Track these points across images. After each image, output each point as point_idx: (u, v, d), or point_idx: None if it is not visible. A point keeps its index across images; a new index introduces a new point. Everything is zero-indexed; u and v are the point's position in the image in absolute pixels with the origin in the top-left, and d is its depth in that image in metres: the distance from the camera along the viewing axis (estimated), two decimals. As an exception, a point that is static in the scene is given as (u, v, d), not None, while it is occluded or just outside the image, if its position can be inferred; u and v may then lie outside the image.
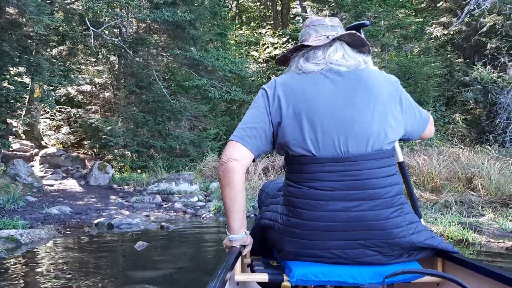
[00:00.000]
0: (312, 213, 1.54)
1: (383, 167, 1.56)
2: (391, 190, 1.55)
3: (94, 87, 15.19)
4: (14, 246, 4.61)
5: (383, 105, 1.59)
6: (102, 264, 4.09)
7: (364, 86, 1.60)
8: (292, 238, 1.59)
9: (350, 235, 1.52)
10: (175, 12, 11.68)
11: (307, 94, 1.61)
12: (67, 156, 12.54)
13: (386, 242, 1.53)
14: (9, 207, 6.84)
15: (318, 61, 1.67)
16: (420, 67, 12.69)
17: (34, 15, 8.03)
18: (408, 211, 1.60)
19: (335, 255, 1.55)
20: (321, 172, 1.55)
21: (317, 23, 1.79)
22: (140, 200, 8.39)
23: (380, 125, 1.57)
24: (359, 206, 1.51)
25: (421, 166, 8.95)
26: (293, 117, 1.60)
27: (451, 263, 1.70)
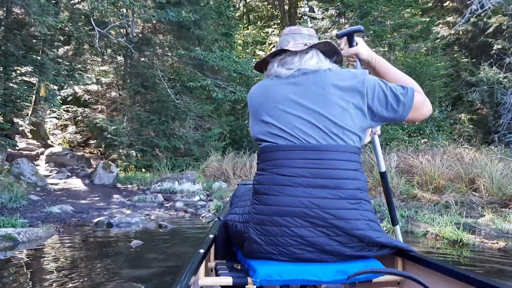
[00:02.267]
0: (275, 198, 1.61)
1: (344, 160, 1.62)
2: (351, 184, 1.60)
3: (101, 87, 15.30)
4: (11, 244, 4.67)
5: (338, 101, 1.64)
6: (95, 261, 4.12)
7: (324, 82, 1.68)
8: (256, 225, 1.64)
9: (311, 221, 1.57)
10: (179, 12, 11.73)
11: (270, 94, 1.74)
12: (73, 155, 12.63)
13: (345, 232, 1.57)
14: (11, 206, 6.90)
15: (293, 66, 1.76)
16: (426, 67, 12.62)
17: (38, 15, 8.11)
18: (368, 209, 1.65)
19: (298, 242, 1.58)
20: (284, 159, 1.63)
21: (295, 31, 1.89)
22: (142, 199, 8.43)
23: (339, 121, 1.63)
24: (320, 193, 1.57)
25: (424, 166, 8.91)
26: (258, 114, 1.75)
27: (411, 262, 1.75)
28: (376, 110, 1.68)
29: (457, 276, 1.50)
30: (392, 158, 9.66)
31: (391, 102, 1.67)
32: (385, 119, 1.72)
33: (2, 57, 9.41)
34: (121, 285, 3.36)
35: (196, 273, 1.61)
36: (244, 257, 1.74)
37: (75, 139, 15.59)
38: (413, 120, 1.78)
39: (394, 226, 2.30)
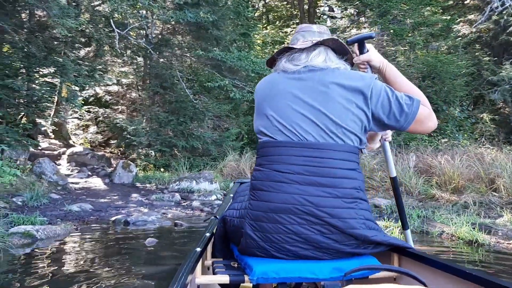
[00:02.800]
0: (271, 194, 1.62)
1: (342, 159, 1.62)
2: (348, 183, 1.61)
3: (121, 87, 15.51)
4: (29, 241, 4.77)
5: (345, 97, 1.65)
6: (109, 259, 4.20)
7: (328, 80, 1.68)
8: (252, 221, 1.65)
9: (306, 219, 1.58)
10: (198, 13, 11.82)
11: (275, 87, 1.76)
12: (93, 155, 12.85)
13: (340, 231, 1.58)
14: (32, 204, 7.06)
15: (300, 62, 1.77)
16: (446, 66, 12.42)
17: (58, 17, 8.27)
18: (365, 208, 1.65)
19: (293, 239, 1.59)
20: (282, 155, 1.64)
21: (305, 29, 1.91)
22: (160, 198, 8.53)
23: (339, 120, 1.63)
24: (316, 192, 1.58)
25: (443, 166, 8.79)
26: (261, 107, 1.78)
27: (407, 258, 1.78)
28: (377, 115, 1.67)
29: (452, 271, 1.52)
30: (411, 158, 9.57)
31: (394, 111, 1.66)
32: (386, 126, 1.72)
33: (24, 58, 9.63)
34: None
35: (193, 272, 1.63)
36: (241, 254, 1.76)
37: (96, 139, 15.85)
38: (416, 132, 1.77)
39: (405, 230, 2.31)
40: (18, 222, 5.35)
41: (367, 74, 1.75)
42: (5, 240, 4.48)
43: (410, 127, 1.69)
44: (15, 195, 7.49)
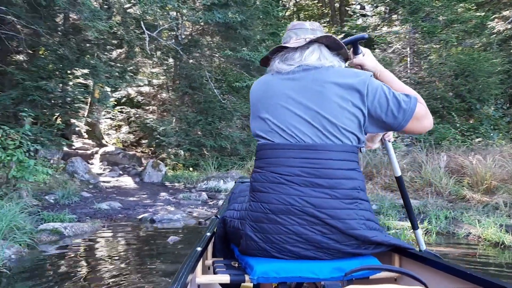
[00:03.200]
0: (271, 195, 1.61)
1: (341, 160, 1.60)
2: (348, 184, 1.60)
3: (152, 88, 15.78)
4: (57, 238, 4.93)
5: (337, 100, 1.62)
6: (131, 256, 4.30)
7: (323, 79, 1.66)
8: (252, 222, 1.65)
9: (306, 220, 1.57)
10: (226, 13, 11.91)
11: (269, 89, 1.74)
12: (125, 155, 13.13)
13: (341, 231, 1.57)
14: (63, 202, 7.28)
15: (294, 62, 1.74)
16: (480, 63, 12.07)
17: (89, 20, 8.49)
18: (366, 208, 1.63)
19: (294, 239, 1.59)
20: (280, 157, 1.63)
21: (297, 26, 1.86)
22: (187, 197, 8.64)
23: (336, 120, 1.61)
24: (315, 193, 1.57)
25: (475, 166, 8.56)
26: (257, 109, 1.77)
27: (408, 259, 1.75)
28: (375, 113, 1.64)
29: (453, 272, 1.50)
30: (442, 158, 9.35)
31: (392, 108, 1.63)
32: (383, 125, 1.68)
33: (57, 60, 9.93)
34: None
35: (193, 271, 1.64)
36: (241, 254, 1.76)
37: (128, 139, 16.17)
38: (412, 132, 1.72)
39: (415, 230, 2.26)
40: (48, 220, 5.53)
41: (362, 72, 1.72)
42: (33, 236, 4.64)
43: (408, 125, 1.66)
44: (48, 193, 7.75)
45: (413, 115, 1.64)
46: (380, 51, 15.50)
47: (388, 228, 5.59)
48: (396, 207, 7.33)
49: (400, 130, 1.70)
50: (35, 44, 10.13)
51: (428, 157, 9.49)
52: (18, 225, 4.46)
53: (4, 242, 3.83)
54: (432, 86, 13.63)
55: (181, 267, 1.54)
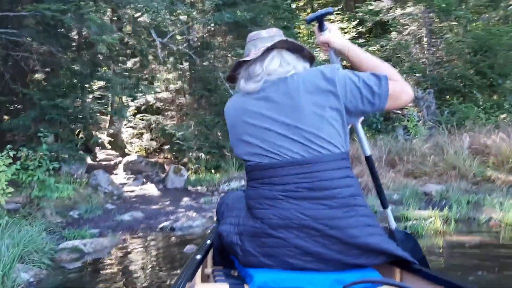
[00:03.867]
0: (267, 211, 1.59)
1: (333, 169, 1.58)
2: (344, 192, 1.57)
3: (170, 94, 15.92)
4: (77, 256, 5.02)
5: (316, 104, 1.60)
6: (148, 269, 4.37)
7: (294, 92, 1.62)
8: (251, 238, 1.63)
9: (306, 233, 1.55)
10: (235, 12, 11.89)
11: (245, 112, 1.70)
12: (147, 162, 13.29)
13: (342, 241, 1.54)
14: (87, 217, 7.42)
15: (257, 76, 1.71)
16: (498, 38, 11.71)
17: (98, 35, 8.61)
18: (365, 214, 1.60)
19: (295, 252, 1.57)
20: (272, 176, 1.61)
21: (254, 37, 1.82)
22: (209, 201, 8.69)
23: (318, 131, 1.58)
24: (312, 205, 1.54)
25: (499, 145, 8.33)
26: (236, 133, 1.74)
27: (410, 273, 1.70)
28: (352, 107, 1.62)
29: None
30: (464, 138, 9.10)
31: (366, 95, 1.61)
32: (363, 112, 1.68)
33: (73, 77, 10.13)
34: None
35: (192, 279, 1.62)
36: (241, 265, 1.74)
37: (151, 146, 16.37)
38: (393, 109, 1.73)
39: (385, 209, 2.22)
40: (69, 237, 5.65)
41: (326, 68, 1.66)
42: (54, 256, 4.75)
43: (387, 105, 1.64)
44: (73, 208, 7.91)
45: (388, 96, 1.62)
46: (396, 34, 15.22)
47: (407, 219, 5.48)
48: (418, 194, 7.20)
49: (380, 111, 1.70)
50: (49, 63, 10.35)
51: (450, 139, 9.27)
52: (38, 247, 4.56)
53: (22, 266, 3.93)
54: (451, 65, 13.32)
55: (180, 275, 1.53)
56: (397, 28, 14.97)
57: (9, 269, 3.57)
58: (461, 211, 5.52)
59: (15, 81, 10.60)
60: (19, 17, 9.23)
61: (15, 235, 4.57)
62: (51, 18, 7.83)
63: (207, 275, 2.00)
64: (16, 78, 10.90)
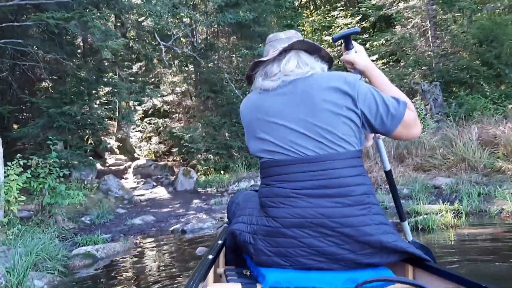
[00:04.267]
0: (281, 210, 1.60)
1: (346, 167, 1.59)
2: (358, 189, 1.58)
3: (176, 96, 15.98)
4: (90, 261, 5.06)
5: (329, 107, 1.61)
6: (160, 272, 4.38)
7: (312, 90, 1.64)
8: (265, 237, 1.64)
9: (319, 231, 1.56)
10: (237, 13, 11.91)
11: (261, 108, 1.73)
12: (156, 166, 13.36)
13: (355, 240, 1.55)
14: (98, 222, 7.47)
15: (275, 76, 1.72)
16: (504, 27, 11.63)
17: (102, 41, 8.66)
18: (378, 212, 1.61)
19: (308, 252, 1.58)
20: (286, 173, 1.63)
21: (273, 39, 1.85)
22: (218, 202, 8.71)
23: (332, 128, 1.60)
24: (327, 203, 1.56)
25: (507, 135, 8.26)
26: (252, 130, 1.75)
27: (423, 271, 1.71)
28: (364, 117, 1.63)
29: (469, 285, 1.44)
30: (473, 130, 9.05)
31: (381, 113, 1.62)
32: (372, 128, 1.67)
33: (79, 84, 10.21)
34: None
35: (204, 279, 1.63)
36: (253, 263, 1.75)
37: (159, 149, 16.45)
38: (400, 138, 1.72)
39: (402, 222, 2.25)
40: (81, 243, 5.69)
41: (350, 75, 1.69)
42: (67, 263, 4.79)
43: (396, 130, 1.64)
44: (84, 214, 7.96)
45: (401, 122, 1.63)
46: (400, 27, 15.18)
47: (417, 213, 5.46)
48: (428, 188, 7.17)
49: (388, 135, 1.69)
50: (56, 70, 10.44)
51: (459, 131, 9.22)
52: (51, 254, 4.60)
53: (35, 274, 3.97)
54: (456, 57, 13.25)
55: (192, 275, 1.54)
56: (401, 21, 14.91)
57: (23, 277, 3.61)
58: (472, 204, 5.49)
59: (23, 90, 10.72)
60: (24, 27, 9.32)
61: (28, 243, 4.62)
62: (55, 26, 7.88)
63: (220, 275, 2.00)
64: (23, 87, 11.02)
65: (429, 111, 11.25)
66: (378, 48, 15.51)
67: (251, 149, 1.78)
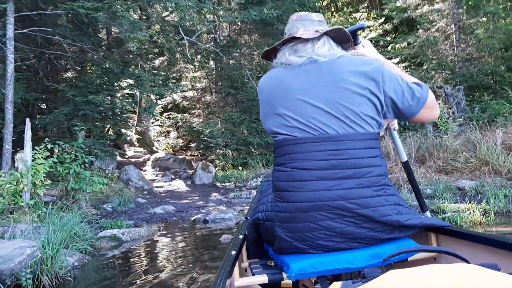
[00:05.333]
0: (296, 194, 1.57)
1: (365, 148, 1.59)
2: (374, 171, 1.58)
3: (196, 92, 16.07)
4: (116, 244, 5.13)
5: (354, 89, 1.59)
6: (188, 256, 4.41)
7: (338, 69, 1.62)
8: (282, 223, 1.62)
9: (336, 213, 1.54)
10: (261, 10, 11.95)
11: (284, 83, 1.67)
12: (175, 159, 13.45)
13: (373, 220, 1.55)
14: (120, 209, 7.56)
15: (305, 54, 1.69)
16: (531, 33, 11.49)
17: (129, 32, 8.75)
18: (393, 193, 1.62)
19: (327, 234, 1.57)
20: (303, 152, 1.59)
21: (305, 17, 1.80)
22: (238, 195, 8.74)
23: (355, 108, 1.58)
24: (342, 185, 1.54)
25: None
26: (271, 106, 1.69)
27: (445, 236, 1.73)
28: (390, 100, 1.63)
29: (492, 243, 1.46)
30: (497, 135, 8.96)
31: (406, 96, 1.63)
32: (397, 112, 1.67)
33: (104, 74, 10.32)
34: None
35: (230, 275, 1.62)
36: (276, 253, 1.75)
37: (178, 144, 16.54)
38: (422, 120, 1.72)
39: (424, 212, 2.24)
40: (106, 227, 5.77)
41: (374, 59, 1.70)
42: (94, 243, 4.86)
43: (420, 112, 1.65)
44: (106, 202, 8.07)
45: (425, 104, 1.64)
46: (423, 31, 15.07)
47: (443, 211, 5.43)
48: (452, 189, 7.12)
49: (411, 118, 1.68)
50: (81, 60, 10.57)
51: (482, 135, 9.13)
52: (79, 234, 4.67)
53: (67, 251, 4.03)
54: (481, 62, 13.12)
55: (218, 272, 1.53)
56: (424, 25, 14.81)
57: (56, 252, 3.67)
58: (499, 204, 5.44)
59: (48, 79, 10.87)
60: (53, 16, 9.46)
61: (57, 222, 4.69)
62: (85, 15, 7.99)
63: (245, 269, 2.01)
64: (49, 76, 11.18)
65: (452, 114, 11.16)
66: (401, 51, 15.43)
67: (268, 126, 1.71)
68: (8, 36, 7.38)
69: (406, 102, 1.64)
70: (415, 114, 1.65)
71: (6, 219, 5.27)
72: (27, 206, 5.87)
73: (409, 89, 1.64)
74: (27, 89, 9.93)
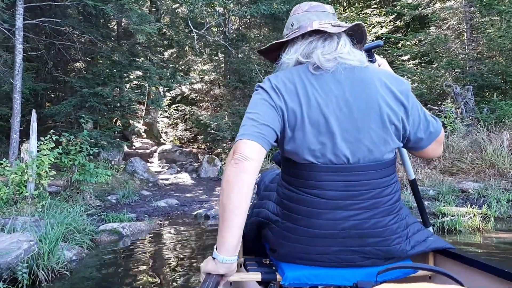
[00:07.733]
0: (311, 221, 1.46)
1: (385, 176, 1.48)
2: (392, 198, 1.50)
3: (205, 85, 16.09)
4: (116, 238, 5.18)
5: (386, 111, 1.44)
6: (185, 253, 4.45)
7: (369, 90, 1.44)
8: (287, 242, 1.54)
9: (347, 242, 1.47)
10: (271, 4, 11.90)
11: (310, 92, 1.42)
12: (181, 152, 13.51)
13: (381, 250, 1.50)
14: (124, 202, 7.63)
15: (329, 55, 1.45)
16: (543, 33, 11.32)
17: (137, 24, 8.78)
18: (405, 215, 1.58)
19: (330, 259, 1.52)
20: (324, 181, 1.43)
21: (319, 9, 1.54)
22: (242, 191, 8.76)
23: (383, 134, 1.44)
24: (359, 215, 1.44)
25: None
26: (303, 124, 1.42)
27: (443, 257, 1.72)
28: (408, 128, 1.49)
29: (490, 270, 1.45)
30: (504, 136, 8.87)
31: (421, 127, 1.51)
32: (407, 142, 1.54)
33: (112, 66, 10.38)
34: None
35: None
36: (273, 256, 1.73)
37: (185, 136, 16.61)
38: (425, 155, 1.59)
39: (427, 227, 2.25)
40: (108, 220, 5.82)
41: (401, 79, 1.54)
42: (94, 237, 4.92)
43: (429, 147, 1.54)
44: (111, 193, 8.14)
45: (436, 139, 1.54)
46: (435, 28, 14.92)
47: (444, 215, 5.41)
48: (455, 191, 7.08)
49: (416, 150, 1.57)
50: (90, 52, 10.63)
51: (489, 137, 9.05)
52: (79, 227, 4.73)
53: (65, 245, 4.08)
54: (492, 61, 12.96)
55: None
56: (436, 22, 14.66)
57: (54, 246, 3.72)
58: (500, 209, 5.41)
59: (57, 69, 10.96)
60: (62, 7, 9.51)
61: (58, 215, 4.75)
62: (93, 7, 8.03)
63: (239, 265, 2.02)
64: (58, 66, 11.26)
65: (459, 114, 11.06)
66: (411, 48, 15.29)
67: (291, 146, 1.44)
68: (18, 26, 7.45)
69: (419, 134, 1.52)
70: (424, 146, 1.54)
71: (10, 210, 5.35)
72: (31, 196, 5.96)
73: (426, 121, 1.53)
74: (36, 79, 10.02)
